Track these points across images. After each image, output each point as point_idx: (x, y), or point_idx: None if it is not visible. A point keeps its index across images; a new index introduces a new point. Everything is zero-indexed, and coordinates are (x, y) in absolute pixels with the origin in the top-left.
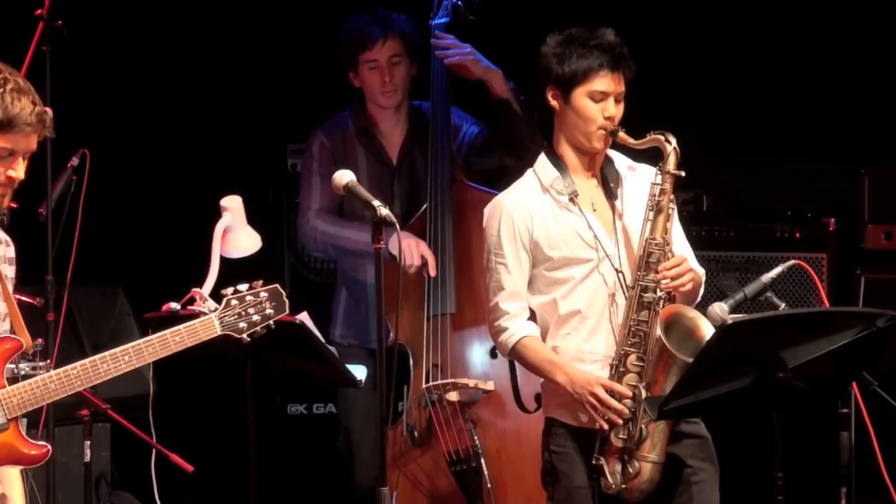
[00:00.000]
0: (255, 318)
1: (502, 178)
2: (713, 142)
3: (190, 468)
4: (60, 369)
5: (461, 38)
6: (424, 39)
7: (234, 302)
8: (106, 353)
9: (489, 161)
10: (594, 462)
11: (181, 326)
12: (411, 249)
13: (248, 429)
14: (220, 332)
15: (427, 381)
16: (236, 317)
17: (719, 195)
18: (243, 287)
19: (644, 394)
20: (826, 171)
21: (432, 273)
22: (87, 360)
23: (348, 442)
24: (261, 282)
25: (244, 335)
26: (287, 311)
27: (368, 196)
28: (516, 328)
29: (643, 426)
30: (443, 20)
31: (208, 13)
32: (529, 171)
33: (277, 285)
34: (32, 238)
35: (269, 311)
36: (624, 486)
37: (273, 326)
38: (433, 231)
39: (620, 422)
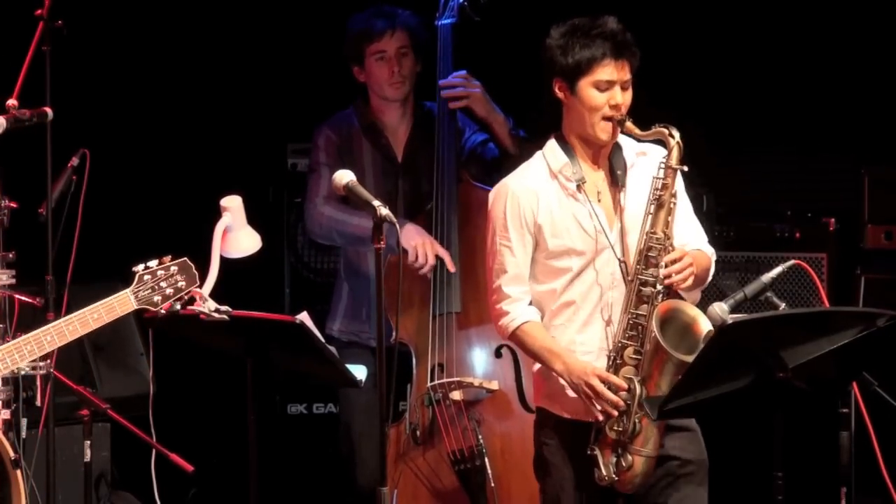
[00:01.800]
0: (168, 290)
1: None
2: (714, 141)
3: (190, 468)
4: None
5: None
6: (429, 36)
7: (146, 277)
8: (29, 335)
9: (489, 179)
10: (589, 452)
11: (98, 304)
12: (425, 248)
13: (248, 429)
14: (135, 307)
15: (431, 380)
16: (150, 291)
17: (720, 195)
18: (153, 262)
19: (639, 388)
20: (826, 171)
21: (451, 269)
22: (10, 343)
23: (349, 441)
24: (170, 256)
25: (159, 308)
26: (197, 283)
27: (368, 196)
28: (518, 313)
29: (637, 420)
30: (448, 21)
31: (208, 13)
32: (538, 154)
33: (186, 259)
34: (32, 238)
35: (180, 283)
36: (616, 478)
37: (185, 298)
38: (438, 230)
39: (615, 414)
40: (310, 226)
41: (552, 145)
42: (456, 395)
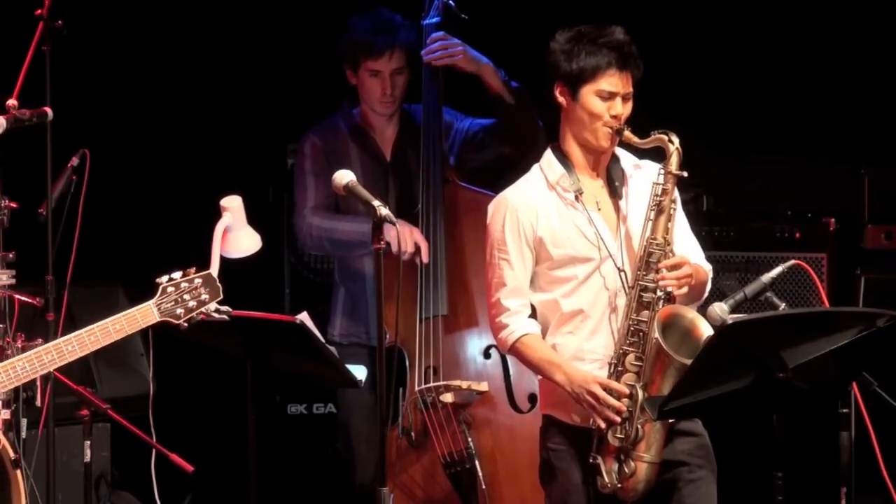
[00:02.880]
0: (192, 303)
1: (498, 175)
2: (714, 142)
3: (190, 468)
4: (6, 361)
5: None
6: (421, 44)
7: (169, 289)
8: (50, 345)
9: (484, 154)
10: (591, 461)
11: (121, 315)
12: (405, 236)
13: (248, 429)
14: (158, 319)
15: (421, 384)
16: (173, 303)
17: (720, 195)
18: (177, 275)
19: (641, 394)
20: (826, 171)
21: (425, 260)
22: (31, 353)
23: (347, 441)
24: (194, 269)
25: (182, 321)
26: (221, 296)
27: (368, 196)
28: (517, 326)
29: (639, 426)
30: (434, 20)
31: (208, 13)
32: (535, 168)
33: (211, 272)
34: (32, 238)
35: (204, 296)
36: (619, 485)
37: (208, 312)
38: (425, 233)
39: (618, 420)
40: (301, 238)
41: (549, 157)
42: (446, 397)
